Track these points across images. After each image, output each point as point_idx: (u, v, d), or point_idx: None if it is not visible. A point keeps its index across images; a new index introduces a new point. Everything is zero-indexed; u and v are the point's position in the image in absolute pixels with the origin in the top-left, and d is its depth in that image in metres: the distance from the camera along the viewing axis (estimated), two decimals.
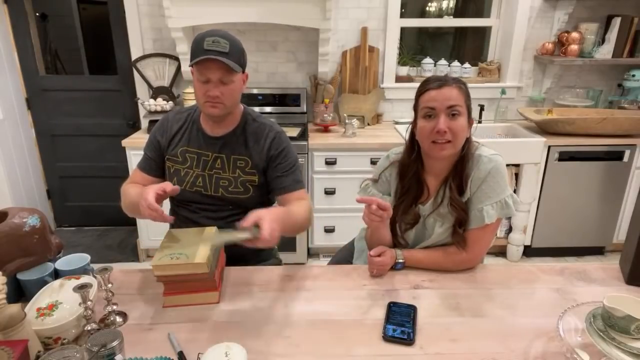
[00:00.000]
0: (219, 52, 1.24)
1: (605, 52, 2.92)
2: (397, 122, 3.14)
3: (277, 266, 1.50)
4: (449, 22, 3.29)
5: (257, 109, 1.56)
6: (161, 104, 2.79)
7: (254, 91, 3.05)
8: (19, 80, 3.08)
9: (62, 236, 2.15)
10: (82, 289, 0.94)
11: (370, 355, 0.98)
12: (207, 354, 0.91)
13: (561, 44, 3.01)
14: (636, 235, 1.22)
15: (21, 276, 1.10)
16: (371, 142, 2.71)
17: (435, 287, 1.24)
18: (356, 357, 0.98)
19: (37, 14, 3.18)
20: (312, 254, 3.03)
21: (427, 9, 3.34)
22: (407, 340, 1.01)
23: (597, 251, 3.04)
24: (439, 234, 1.33)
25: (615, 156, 2.75)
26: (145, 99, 2.96)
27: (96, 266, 1.08)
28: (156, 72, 3.02)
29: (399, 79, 3.18)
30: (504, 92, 3.08)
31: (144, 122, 2.94)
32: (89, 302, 0.95)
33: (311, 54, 3.05)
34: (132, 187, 1.41)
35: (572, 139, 2.70)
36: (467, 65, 3.19)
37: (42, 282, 1.09)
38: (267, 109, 3.07)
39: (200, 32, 1.29)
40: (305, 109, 3.08)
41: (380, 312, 1.12)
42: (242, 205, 1.42)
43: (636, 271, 1.23)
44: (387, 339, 1.02)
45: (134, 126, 3.18)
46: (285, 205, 1.38)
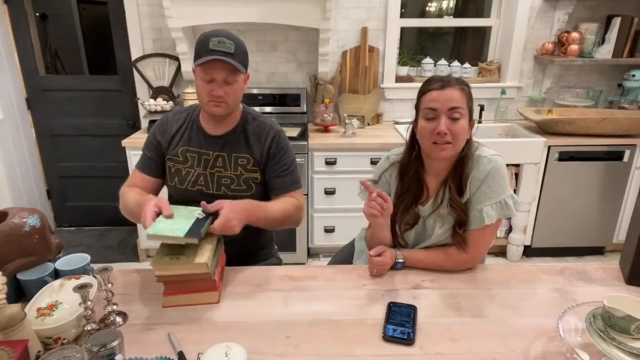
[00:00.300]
0: (225, 52, 1.25)
1: (605, 52, 2.92)
2: (397, 122, 3.14)
3: (277, 266, 1.50)
4: (449, 22, 3.29)
5: (257, 109, 1.56)
6: (161, 104, 2.79)
7: (254, 91, 3.05)
8: (19, 80, 3.08)
9: (62, 236, 2.15)
10: (82, 289, 0.94)
11: (370, 355, 0.98)
12: (207, 354, 0.91)
13: (561, 44, 3.01)
14: (636, 235, 1.21)
15: (21, 276, 1.10)
16: (371, 142, 2.71)
17: (435, 287, 1.24)
18: (356, 357, 0.98)
19: (37, 14, 3.18)
20: (312, 254, 3.03)
21: (427, 9, 3.34)
22: (407, 340, 1.01)
23: (597, 251, 3.04)
24: (438, 234, 1.33)
25: (615, 156, 2.75)
26: (145, 99, 2.96)
27: (96, 266, 1.08)
28: (156, 72, 3.02)
29: (399, 79, 3.18)
30: (504, 92, 3.08)
31: (144, 122, 2.94)
32: (89, 302, 0.96)
33: (311, 54, 3.06)
34: (131, 193, 1.39)
35: (572, 139, 2.70)
36: (467, 65, 3.19)
37: (42, 282, 1.09)
38: (267, 109, 3.07)
39: (201, 32, 1.30)
40: (305, 109, 3.08)
41: (380, 312, 1.12)
42: None
43: (636, 271, 1.23)
44: (387, 339, 1.02)
45: (134, 126, 3.18)
46: None
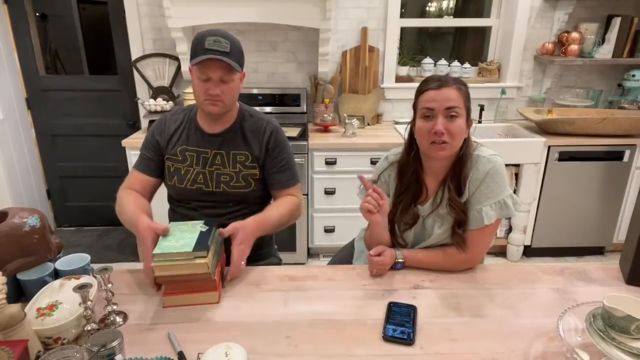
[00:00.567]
0: (220, 51, 1.26)
1: (605, 52, 2.92)
2: (397, 122, 3.14)
3: (277, 266, 1.51)
4: (449, 22, 3.29)
5: (257, 109, 1.56)
6: (161, 104, 2.79)
7: (254, 91, 3.04)
8: (19, 80, 3.08)
9: (62, 236, 2.16)
10: (82, 289, 0.94)
11: (370, 355, 0.98)
12: (207, 354, 0.91)
13: (561, 44, 3.01)
14: (636, 235, 1.21)
15: (21, 276, 1.10)
16: (371, 142, 2.71)
17: (435, 287, 1.24)
18: (356, 357, 0.98)
19: (37, 14, 3.18)
20: (312, 254, 3.02)
21: (427, 9, 3.34)
22: (407, 340, 1.01)
23: (597, 251, 3.04)
24: (438, 234, 1.33)
25: (615, 156, 2.75)
26: (145, 99, 2.96)
27: (96, 266, 1.08)
28: (156, 72, 3.02)
29: (399, 79, 3.18)
30: (504, 92, 3.08)
31: (144, 122, 2.94)
32: (89, 302, 0.96)
33: (311, 54, 3.05)
34: (127, 200, 1.37)
35: (572, 139, 2.70)
36: (467, 65, 3.19)
37: (42, 282, 1.09)
38: (267, 109, 3.07)
39: (199, 31, 1.30)
40: (305, 109, 3.08)
41: (380, 312, 1.12)
42: (242, 200, 1.45)
43: (636, 271, 1.23)
44: (387, 339, 1.02)
45: (134, 126, 3.18)
46: (278, 198, 1.48)
